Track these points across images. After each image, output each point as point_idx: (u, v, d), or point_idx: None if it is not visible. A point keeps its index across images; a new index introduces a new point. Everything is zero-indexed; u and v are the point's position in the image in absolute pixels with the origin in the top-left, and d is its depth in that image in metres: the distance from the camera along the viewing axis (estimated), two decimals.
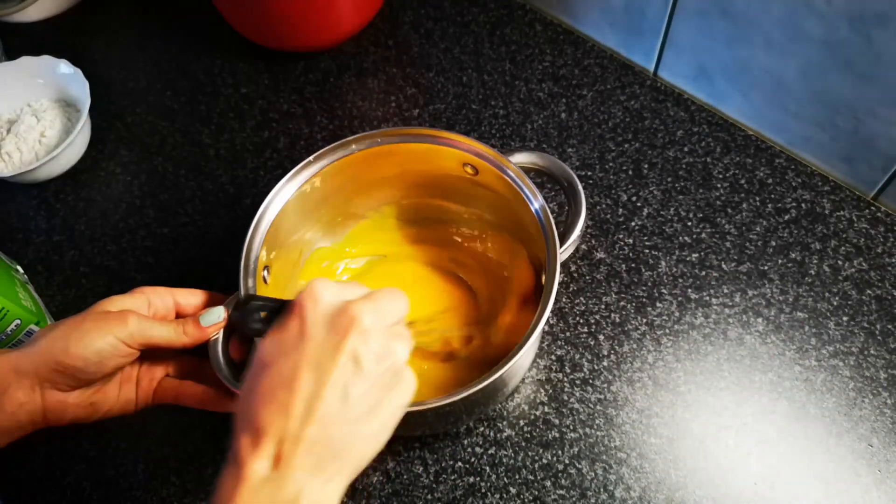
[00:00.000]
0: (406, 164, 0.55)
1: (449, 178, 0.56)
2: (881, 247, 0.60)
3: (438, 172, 0.55)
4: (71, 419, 0.43)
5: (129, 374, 0.46)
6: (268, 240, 0.51)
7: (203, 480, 0.55)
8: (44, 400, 0.42)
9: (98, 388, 0.44)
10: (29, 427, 0.42)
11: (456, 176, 0.55)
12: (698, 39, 0.65)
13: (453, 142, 0.52)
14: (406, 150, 0.54)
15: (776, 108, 0.64)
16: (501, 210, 0.55)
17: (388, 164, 0.55)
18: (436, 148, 0.53)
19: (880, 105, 0.56)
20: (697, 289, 0.59)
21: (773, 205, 0.63)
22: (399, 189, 0.59)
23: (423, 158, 0.54)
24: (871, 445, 0.52)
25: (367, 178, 0.56)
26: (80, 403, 0.43)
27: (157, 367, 0.47)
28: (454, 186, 0.56)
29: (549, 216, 0.48)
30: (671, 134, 0.67)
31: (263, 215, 0.51)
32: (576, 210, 0.50)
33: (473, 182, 0.54)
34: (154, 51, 0.80)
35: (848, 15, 0.53)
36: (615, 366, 0.56)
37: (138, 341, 0.42)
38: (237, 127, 0.73)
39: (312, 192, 0.54)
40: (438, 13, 0.79)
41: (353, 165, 0.54)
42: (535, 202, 0.49)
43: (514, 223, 0.54)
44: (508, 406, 0.55)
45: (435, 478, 0.53)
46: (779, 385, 0.55)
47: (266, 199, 0.51)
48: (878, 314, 0.57)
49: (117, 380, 0.45)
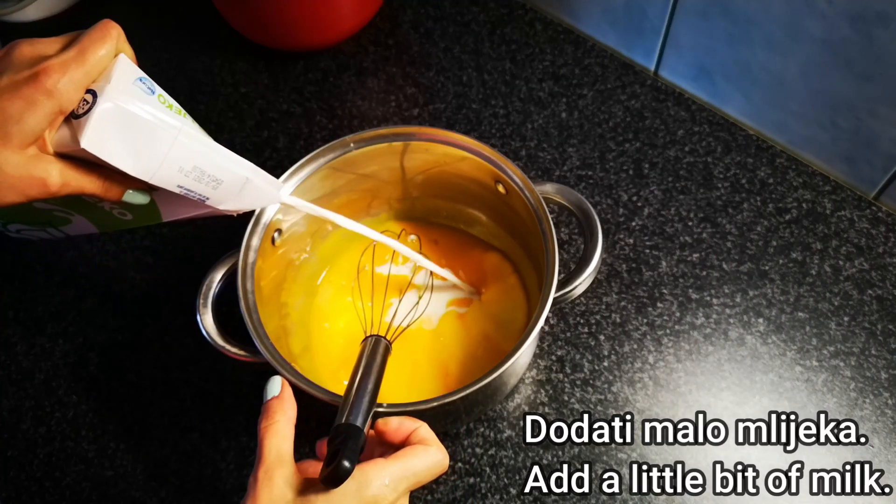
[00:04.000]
0: (439, 164, 0.56)
1: (475, 189, 0.56)
2: (882, 247, 0.60)
3: (468, 179, 0.56)
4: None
5: None
6: (282, 207, 0.52)
7: (202, 481, 0.55)
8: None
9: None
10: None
11: (484, 186, 0.55)
12: (699, 39, 0.65)
13: (490, 157, 0.52)
14: (443, 152, 0.54)
15: (777, 107, 0.63)
16: (517, 228, 0.56)
17: (422, 161, 0.56)
18: (472, 158, 0.53)
19: (881, 105, 0.56)
20: (698, 289, 0.59)
21: (773, 205, 0.63)
22: (424, 187, 0.59)
23: (452, 162, 0.55)
24: (873, 446, 0.52)
25: (393, 175, 0.57)
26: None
27: None
28: (480, 196, 0.57)
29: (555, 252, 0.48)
30: (672, 133, 0.67)
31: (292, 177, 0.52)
32: (591, 248, 0.49)
33: (499, 197, 0.55)
34: (153, 50, 0.80)
35: (849, 14, 0.53)
36: (616, 366, 0.56)
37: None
38: (237, 126, 0.73)
39: (347, 166, 0.54)
40: (438, 12, 0.79)
41: (385, 156, 0.55)
42: (548, 237, 0.49)
43: (536, 247, 0.52)
44: (508, 406, 0.55)
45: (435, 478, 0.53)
46: (780, 385, 0.54)
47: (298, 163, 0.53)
48: (879, 314, 0.57)
49: None
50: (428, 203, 0.61)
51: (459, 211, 0.61)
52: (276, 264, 0.54)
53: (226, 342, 0.48)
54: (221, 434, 0.56)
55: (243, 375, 0.58)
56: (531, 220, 0.51)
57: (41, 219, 0.52)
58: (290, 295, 0.57)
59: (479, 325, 0.57)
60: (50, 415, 0.59)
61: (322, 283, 0.60)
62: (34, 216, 0.52)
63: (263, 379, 0.43)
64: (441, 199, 0.60)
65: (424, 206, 0.61)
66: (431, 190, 0.59)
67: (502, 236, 0.59)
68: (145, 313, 0.62)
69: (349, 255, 0.60)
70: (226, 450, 0.56)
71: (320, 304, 0.59)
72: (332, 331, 0.57)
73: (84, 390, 0.59)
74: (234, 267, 0.50)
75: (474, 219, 0.61)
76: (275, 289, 0.55)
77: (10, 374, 0.61)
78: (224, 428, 0.57)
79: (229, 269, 0.51)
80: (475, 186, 0.56)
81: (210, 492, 0.54)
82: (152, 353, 0.60)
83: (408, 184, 0.59)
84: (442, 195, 0.60)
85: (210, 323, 0.49)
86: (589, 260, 0.49)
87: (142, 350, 0.61)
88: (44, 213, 0.50)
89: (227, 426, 0.57)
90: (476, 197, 0.57)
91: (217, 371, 0.59)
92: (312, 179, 0.53)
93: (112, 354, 0.61)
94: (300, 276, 0.58)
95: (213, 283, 0.50)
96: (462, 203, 0.60)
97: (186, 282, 0.64)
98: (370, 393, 0.41)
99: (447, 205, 0.60)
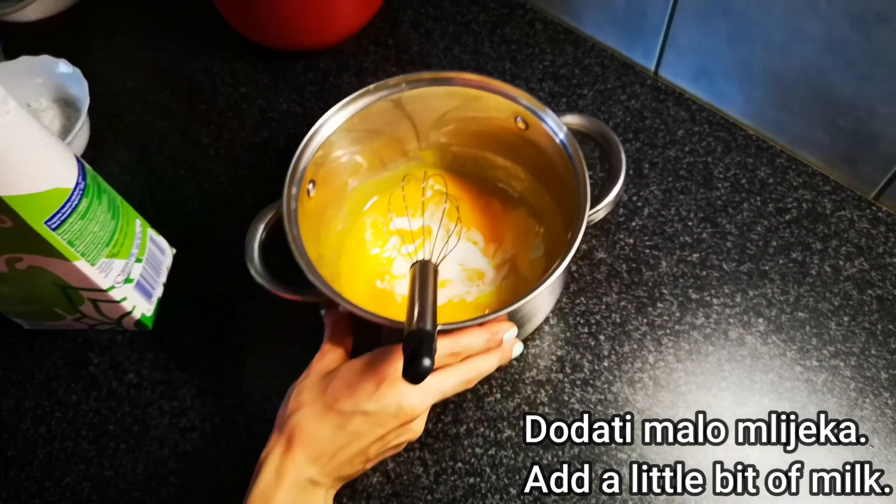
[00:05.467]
0: (459, 110, 0.58)
1: (498, 130, 0.58)
2: (882, 247, 0.60)
3: (489, 122, 0.58)
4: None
5: None
6: (315, 158, 0.54)
7: (202, 482, 0.55)
8: None
9: None
10: None
11: (505, 128, 0.57)
12: (699, 39, 0.65)
13: (508, 93, 0.55)
14: (462, 94, 0.56)
15: (777, 107, 0.63)
16: (543, 168, 0.57)
17: (440, 107, 0.58)
18: (490, 96, 0.55)
19: (881, 105, 0.56)
20: (698, 289, 0.59)
21: (773, 205, 0.63)
22: (447, 135, 0.61)
23: (476, 106, 0.57)
24: (873, 446, 0.52)
25: (419, 118, 0.59)
26: None
27: None
28: (502, 139, 0.59)
29: (584, 172, 0.51)
30: (672, 133, 0.67)
31: (318, 132, 0.55)
32: (615, 173, 0.53)
33: (521, 136, 0.56)
34: (153, 50, 0.80)
35: (849, 15, 0.53)
36: (616, 366, 0.56)
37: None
38: (236, 126, 0.73)
39: (364, 121, 0.57)
40: (438, 12, 0.79)
41: (408, 103, 0.57)
42: (575, 161, 0.52)
43: (553, 180, 0.57)
44: (508, 406, 0.55)
45: (435, 478, 0.53)
46: (780, 385, 0.55)
47: (323, 117, 0.55)
48: (880, 314, 0.57)
49: None
50: (449, 152, 0.63)
51: (481, 158, 0.62)
52: (310, 216, 0.56)
53: (277, 285, 0.51)
54: (222, 434, 0.56)
55: (243, 376, 0.58)
56: (554, 150, 0.54)
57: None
58: (324, 248, 0.58)
59: (507, 280, 0.59)
60: (50, 415, 0.59)
61: (348, 234, 0.62)
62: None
63: (261, 373, 0.43)
64: (462, 146, 0.62)
65: (446, 155, 0.63)
66: (453, 138, 0.61)
67: (525, 178, 0.61)
68: None
69: (374, 208, 0.63)
70: (226, 450, 0.56)
71: (349, 254, 0.61)
72: (360, 279, 0.60)
73: (84, 390, 0.59)
74: (276, 216, 0.53)
75: (496, 164, 0.62)
76: (310, 240, 0.57)
77: (10, 374, 0.61)
78: (224, 428, 0.57)
79: (270, 219, 0.53)
80: (496, 128, 0.58)
81: (210, 492, 0.54)
82: (152, 352, 0.60)
83: (428, 134, 0.61)
84: (463, 143, 0.62)
85: (260, 268, 0.51)
86: (616, 177, 0.52)
87: (141, 350, 0.61)
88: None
89: (228, 426, 0.57)
90: (496, 140, 0.59)
91: (217, 372, 0.59)
92: (338, 133, 0.56)
93: (112, 354, 0.61)
94: (331, 230, 0.60)
95: (256, 232, 0.52)
96: (482, 148, 0.62)
97: (186, 282, 0.64)
98: (431, 304, 0.45)
99: (468, 151, 0.62)
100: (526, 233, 0.61)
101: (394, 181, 0.63)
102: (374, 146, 0.60)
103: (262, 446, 0.47)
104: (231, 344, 0.60)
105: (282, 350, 0.59)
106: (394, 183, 0.63)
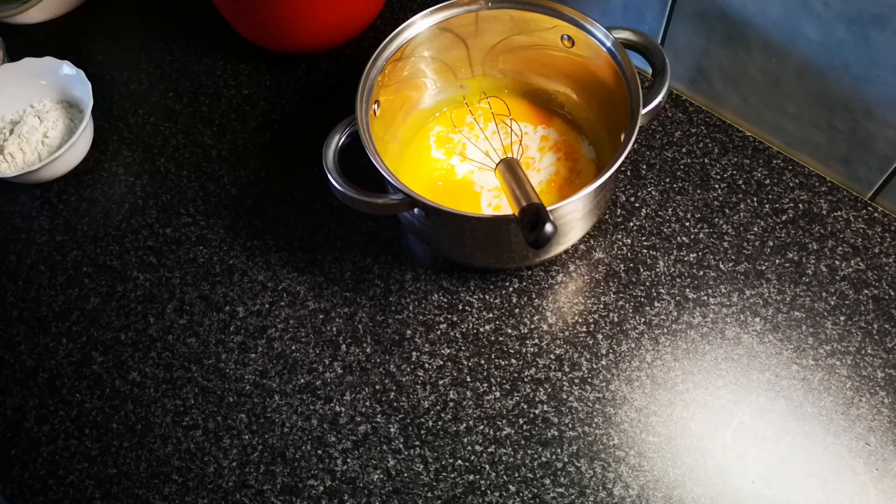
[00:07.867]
0: (508, 32, 0.62)
1: (546, 52, 0.62)
2: (878, 247, 0.60)
3: (537, 44, 0.62)
4: None
5: None
6: (380, 79, 0.59)
7: (204, 479, 0.55)
8: None
9: None
10: None
11: (552, 48, 0.61)
12: (696, 41, 0.65)
13: (557, 10, 0.59)
14: (510, 17, 0.60)
15: (774, 109, 0.64)
16: (589, 83, 0.62)
17: (491, 32, 0.62)
18: (537, 17, 0.59)
19: (877, 106, 0.57)
20: (695, 288, 0.60)
21: (770, 205, 0.63)
22: (498, 63, 0.66)
23: (524, 28, 0.61)
24: (868, 444, 0.52)
25: (471, 44, 0.63)
26: None
27: None
28: (549, 62, 0.63)
29: (636, 77, 0.55)
30: (669, 135, 0.68)
31: (383, 51, 0.59)
32: (661, 80, 0.56)
33: (567, 56, 0.61)
34: (156, 52, 0.80)
35: (845, 17, 0.53)
36: (613, 365, 0.57)
37: None
38: (239, 128, 0.74)
39: (426, 45, 0.61)
40: None
41: (459, 28, 0.61)
42: (623, 64, 0.56)
43: (600, 92, 0.61)
44: (507, 404, 0.56)
45: (435, 476, 0.54)
46: (776, 384, 0.55)
47: (394, 32, 0.60)
48: (875, 314, 0.57)
49: None
50: (501, 79, 0.68)
51: (531, 82, 0.67)
52: (375, 132, 0.58)
53: (358, 192, 0.53)
54: (224, 432, 0.57)
55: (245, 374, 0.59)
56: (602, 61, 0.58)
57: None
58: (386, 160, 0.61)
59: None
60: (54, 413, 0.59)
61: (405, 156, 0.66)
62: None
63: (263, 371, 0.43)
64: (513, 74, 0.67)
65: (499, 81, 0.68)
66: (503, 65, 0.66)
67: (573, 97, 0.65)
68: (148, 312, 0.63)
69: (438, 121, 0.68)
70: (228, 448, 0.56)
71: (410, 171, 0.65)
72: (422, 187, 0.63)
73: (87, 389, 0.60)
74: (351, 128, 0.56)
75: (545, 87, 0.67)
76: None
77: (15, 373, 0.61)
78: (227, 426, 0.57)
79: (340, 136, 0.56)
80: (542, 53, 0.63)
81: (213, 490, 0.55)
82: (155, 351, 0.61)
83: (482, 61, 0.66)
84: (514, 69, 0.66)
85: (340, 178, 0.53)
86: (664, 76, 0.55)
87: (145, 349, 0.61)
88: None
89: (230, 424, 0.57)
90: (544, 63, 0.64)
91: (219, 369, 0.59)
92: (381, 69, 0.59)
93: (116, 353, 0.61)
94: (390, 150, 0.64)
95: (331, 143, 0.55)
96: (532, 73, 0.66)
97: (187, 282, 0.65)
98: (530, 186, 0.50)
99: (518, 77, 0.67)
100: (574, 146, 0.66)
101: (454, 103, 0.68)
102: (435, 68, 0.65)
103: (264, 444, 0.47)
104: (234, 342, 0.61)
105: (283, 349, 0.60)
106: (455, 104, 0.68)
